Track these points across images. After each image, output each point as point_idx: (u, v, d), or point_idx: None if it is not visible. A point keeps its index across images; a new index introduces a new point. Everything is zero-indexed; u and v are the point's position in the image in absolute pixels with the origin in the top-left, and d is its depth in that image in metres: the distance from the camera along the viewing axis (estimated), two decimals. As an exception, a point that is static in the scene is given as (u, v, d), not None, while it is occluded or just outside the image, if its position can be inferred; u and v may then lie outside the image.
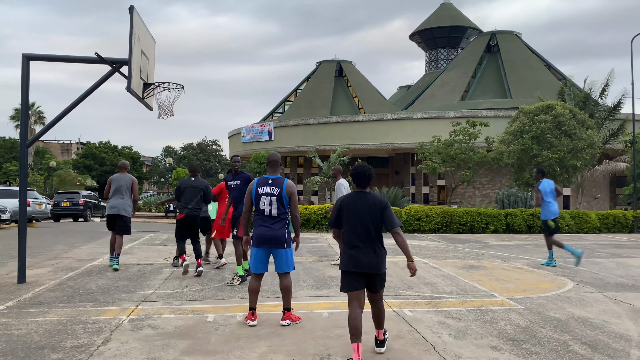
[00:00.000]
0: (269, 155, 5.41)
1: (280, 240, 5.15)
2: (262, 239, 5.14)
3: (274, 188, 5.15)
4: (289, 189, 5.16)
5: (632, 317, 5.62)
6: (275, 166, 5.33)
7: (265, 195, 5.14)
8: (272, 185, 5.16)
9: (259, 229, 5.17)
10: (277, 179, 5.21)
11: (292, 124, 39.75)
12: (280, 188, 5.15)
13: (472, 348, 4.45)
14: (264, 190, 5.16)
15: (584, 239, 15.20)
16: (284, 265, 5.21)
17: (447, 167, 23.25)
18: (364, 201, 4.17)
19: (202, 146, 78.68)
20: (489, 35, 45.18)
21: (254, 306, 5.17)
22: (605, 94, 25.61)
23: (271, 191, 5.14)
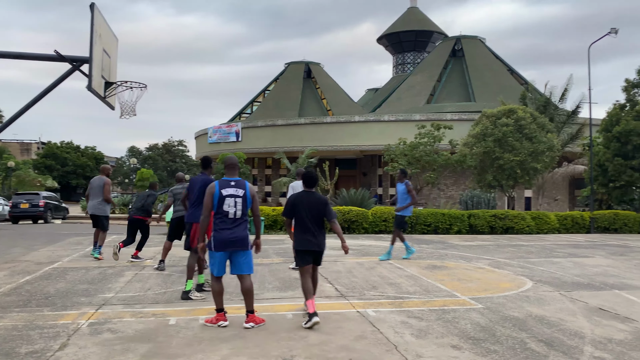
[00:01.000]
0: (228, 157, 5.44)
1: (245, 242, 5.17)
2: (228, 241, 5.11)
3: (237, 189, 5.15)
4: (252, 190, 5.25)
5: (586, 315, 5.83)
6: (234, 168, 5.35)
7: (230, 197, 5.12)
8: (236, 187, 5.17)
9: (223, 232, 5.12)
10: (238, 181, 5.23)
11: (260, 125, 39.57)
12: (244, 189, 5.18)
13: (433, 347, 4.53)
14: (227, 192, 5.13)
15: (543, 239, 15.64)
16: (246, 268, 5.22)
17: (412, 169, 23.55)
18: (311, 198, 5.48)
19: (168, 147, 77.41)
20: (454, 40, 46.03)
21: (223, 307, 5.21)
22: (564, 99, 26.45)
23: (235, 193, 5.14)
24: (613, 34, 19.85)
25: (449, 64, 44.98)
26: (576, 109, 25.96)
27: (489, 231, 17.34)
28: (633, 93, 20.71)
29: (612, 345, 4.70)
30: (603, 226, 19.14)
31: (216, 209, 5.14)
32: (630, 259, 10.90)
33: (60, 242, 12.96)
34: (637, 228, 19.44)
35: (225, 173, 5.32)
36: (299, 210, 5.43)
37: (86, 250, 11.00)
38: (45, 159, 59.34)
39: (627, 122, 19.55)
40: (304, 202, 5.42)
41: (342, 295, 6.62)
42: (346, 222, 16.52)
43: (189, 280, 6.33)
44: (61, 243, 12.59)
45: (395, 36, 55.83)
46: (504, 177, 19.65)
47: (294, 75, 48.99)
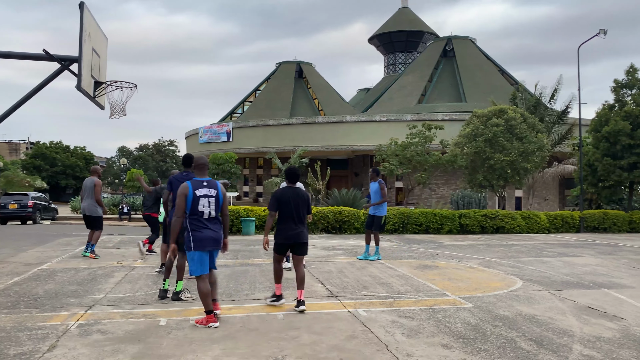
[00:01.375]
0: (199, 158, 5.52)
1: (222, 241, 5.37)
2: (210, 240, 5.20)
3: (210, 190, 5.25)
4: (223, 190, 5.39)
5: (575, 313, 5.87)
6: (204, 169, 5.42)
7: (204, 197, 5.20)
8: (208, 187, 5.26)
9: (204, 231, 5.17)
10: (210, 181, 5.33)
11: (251, 125, 39.51)
12: (217, 189, 5.30)
13: (424, 346, 4.54)
14: (201, 193, 5.21)
15: (534, 238, 15.75)
16: (214, 263, 5.50)
17: (404, 169, 23.63)
18: (294, 193, 5.92)
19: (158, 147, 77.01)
20: (445, 40, 46.23)
21: (212, 308, 5.18)
22: (554, 99, 26.67)
23: (209, 193, 5.24)
24: (602, 35, 20.02)
25: (440, 64, 45.16)
26: (566, 109, 26.18)
27: (480, 231, 17.43)
28: (622, 94, 20.89)
29: (600, 343, 4.74)
30: (592, 225, 19.30)
31: (190, 209, 5.18)
32: (619, 258, 11.00)
33: (49, 242, 12.85)
34: (625, 227, 19.62)
35: (196, 173, 5.40)
36: (283, 204, 5.84)
37: (76, 251, 10.92)
38: (34, 159, 58.79)
39: (615, 123, 19.72)
40: (288, 196, 5.85)
41: (333, 295, 6.62)
42: (338, 222, 16.53)
43: (179, 281, 6.25)
44: (50, 244, 12.49)
45: (386, 36, 55.98)
46: (494, 177, 19.76)
47: (286, 75, 48.97)
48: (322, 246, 12.48)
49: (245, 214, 16.20)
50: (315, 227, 16.50)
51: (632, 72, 20.77)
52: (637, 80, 20.61)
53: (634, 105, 20.13)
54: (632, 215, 19.95)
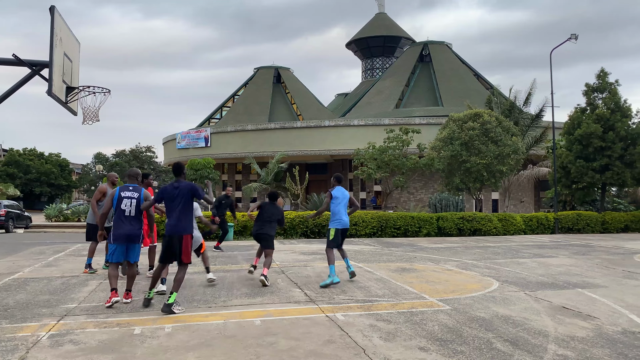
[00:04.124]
0: (130, 170, 6.74)
1: (137, 237, 6.40)
2: (124, 236, 6.29)
3: (134, 193, 6.44)
4: (146, 195, 6.51)
5: (550, 313, 5.95)
6: (133, 178, 6.64)
7: (127, 199, 6.39)
8: (133, 191, 6.46)
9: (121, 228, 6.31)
10: (136, 187, 6.53)
11: (229, 130, 39.27)
12: (139, 193, 6.46)
13: (401, 350, 4.55)
14: (125, 195, 6.41)
15: (510, 240, 15.96)
16: (133, 257, 6.46)
17: (382, 173, 23.74)
18: (272, 208, 8.23)
19: (136, 153, 76.09)
20: (422, 46, 46.70)
21: (116, 287, 6.26)
22: (528, 103, 27.14)
23: (132, 195, 6.42)
24: (573, 40, 20.47)
25: (417, 69, 45.59)
26: (540, 113, 26.65)
27: (457, 233, 17.60)
28: (593, 97, 21.37)
29: (574, 342, 4.81)
30: (567, 227, 19.66)
31: (115, 208, 6.39)
32: (592, 258, 11.21)
33: (21, 252, 12.54)
34: (598, 228, 20.03)
35: (127, 181, 6.60)
36: (262, 212, 8.19)
37: (49, 259, 10.67)
38: (6, 166, 57.45)
39: (587, 125, 20.15)
40: (267, 208, 8.20)
41: (311, 300, 6.59)
42: (317, 227, 16.51)
43: (174, 293, 5.97)
44: (23, 253, 12.19)
45: (363, 41, 56.31)
46: (471, 179, 19.98)
47: (264, 80, 48.85)
48: (300, 251, 12.45)
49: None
50: (294, 232, 16.46)
51: (603, 76, 21.27)
52: (607, 84, 21.11)
53: (605, 109, 20.60)
54: (605, 216, 20.38)
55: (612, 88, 20.99)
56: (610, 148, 19.83)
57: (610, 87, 21.04)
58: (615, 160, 19.85)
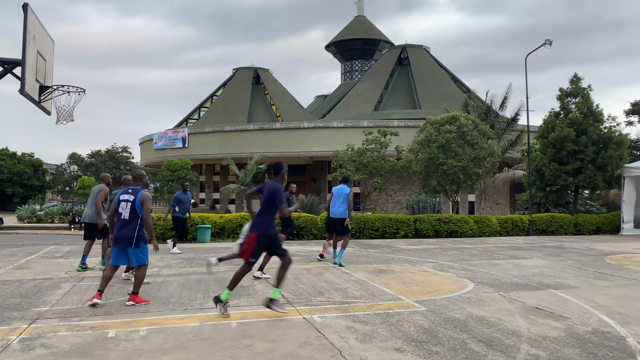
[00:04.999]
0: (134, 171, 6.78)
1: (130, 240, 6.25)
2: (118, 238, 6.28)
3: (131, 196, 6.33)
4: (142, 198, 6.31)
5: (523, 314, 6.06)
6: (137, 180, 6.57)
7: (124, 202, 6.36)
8: (131, 194, 6.35)
9: (117, 231, 6.32)
10: (135, 189, 6.40)
11: (207, 131, 38.99)
12: (135, 197, 6.30)
13: (377, 351, 4.58)
14: (123, 198, 6.38)
15: (485, 242, 16.18)
16: (134, 260, 6.38)
17: (360, 175, 23.85)
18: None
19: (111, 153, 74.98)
20: (400, 49, 47.09)
21: (103, 289, 6.33)
22: (504, 107, 27.56)
23: (128, 198, 6.34)
24: (548, 45, 20.87)
25: (396, 72, 45.95)
26: (515, 117, 27.10)
27: (434, 235, 17.77)
28: (567, 102, 21.81)
29: (546, 342, 4.90)
30: (541, 228, 20.02)
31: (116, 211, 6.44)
32: (565, 260, 11.44)
33: (-8, 254, 12.23)
34: (571, 230, 20.44)
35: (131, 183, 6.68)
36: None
37: (20, 262, 10.44)
38: (-23, 166, 56.04)
39: (561, 129, 20.56)
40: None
41: (288, 302, 6.59)
42: (295, 228, 16.48)
43: (276, 289, 5.98)
44: (-7, 255, 11.90)
45: (343, 44, 56.52)
46: (447, 182, 20.21)
47: (243, 81, 48.64)
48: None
49: (201, 221, 15.94)
50: (272, 234, 16.41)
51: (576, 81, 21.73)
52: (580, 89, 21.57)
53: (578, 113, 21.05)
54: (577, 218, 20.81)
55: (585, 93, 21.45)
56: (583, 152, 20.26)
57: (583, 92, 21.50)
58: (588, 163, 20.29)
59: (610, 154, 20.09)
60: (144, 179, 6.60)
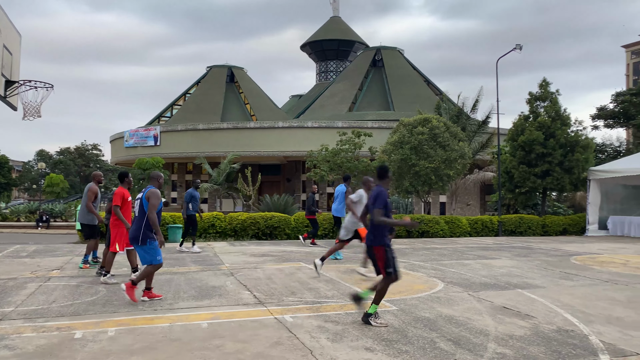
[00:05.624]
0: (152, 172, 6.77)
1: (135, 239, 6.34)
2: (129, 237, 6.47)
3: (141, 194, 6.41)
4: (148, 194, 6.34)
5: (491, 313, 6.18)
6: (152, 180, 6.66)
7: (137, 200, 6.45)
8: (143, 192, 6.42)
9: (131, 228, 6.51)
10: (147, 187, 6.47)
11: (180, 129, 38.52)
12: (143, 193, 6.37)
13: (348, 350, 4.61)
14: (138, 196, 6.48)
15: (456, 242, 16.43)
16: (141, 260, 6.46)
17: (334, 175, 23.93)
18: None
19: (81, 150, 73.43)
20: (375, 51, 47.43)
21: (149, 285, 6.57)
22: (475, 109, 28.01)
23: (140, 196, 6.40)
24: (518, 50, 21.32)
25: (370, 73, 46.26)
26: (486, 119, 27.57)
27: (406, 235, 17.96)
28: (536, 105, 22.31)
29: (513, 341, 5.01)
30: (510, 229, 20.43)
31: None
32: (532, 260, 11.70)
33: (-47, 253, 11.85)
34: (539, 231, 20.92)
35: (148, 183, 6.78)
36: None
37: (-16, 261, 10.14)
38: (-62, 162, 54.05)
39: (530, 132, 21.02)
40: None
41: (260, 302, 6.57)
42: (268, 229, 16.45)
43: (373, 305, 5.53)
44: (-45, 254, 11.53)
45: (318, 44, 56.59)
46: (419, 183, 20.44)
47: (217, 79, 48.22)
48: (251, 252, 12.38)
49: (172, 220, 15.75)
50: (245, 234, 16.34)
51: (545, 85, 22.26)
52: (549, 93, 22.10)
53: (546, 117, 21.55)
54: (545, 220, 21.32)
55: (553, 97, 21.98)
56: (551, 154, 20.75)
57: (552, 96, 22.03)
58: (556, 166, 20.80)
59: (577, 157, 20.63)
60: (160, 180, 6.65)
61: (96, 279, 8.15)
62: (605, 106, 32.16)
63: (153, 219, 6.26)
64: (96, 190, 9.21)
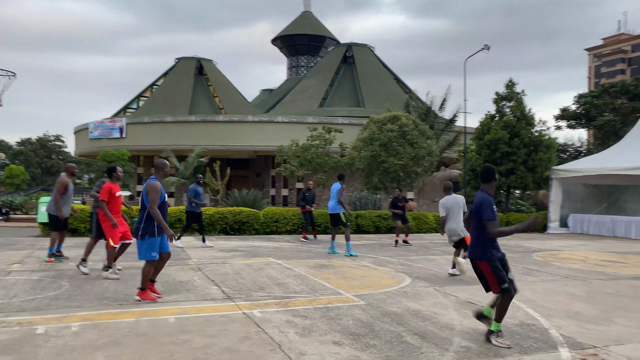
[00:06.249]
0: (157, 161, 6.46)
1: (136, 233, 6.21)
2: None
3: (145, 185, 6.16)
4: (147, 187, 6.07)
5: (456, 308, 6.31)
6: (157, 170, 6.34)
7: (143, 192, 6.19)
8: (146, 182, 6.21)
9: None
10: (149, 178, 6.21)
11: (146, 121, 37.82)
12: (144, 185, 6.13)
13: (316, 344, 4.64)
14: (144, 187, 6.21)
15: (422, 238, 16.69)
16: (139, 254, 6.22)
17: (304, 171, 23.94)
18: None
19: (43, 141, 71.26)
20: (346, 47, 47.57)
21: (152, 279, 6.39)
22: (443, 108, 28.47)
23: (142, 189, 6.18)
24: (486, 50, 21.74)
25: (341, 69, 46.38)
26: (453, 118, 28.05)
27: (375, 231, 18.13)
28: (502, 105, 22.80)
29: (477, 335, 5.13)
30: (475, 226, 20.85)
31: None
32: (496, 256, 11.98)
33: None
34: (503, 228, 21.42)
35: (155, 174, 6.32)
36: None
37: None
38: None
39: (496, 131, 21.48)
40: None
41: (228, 297, 6.54)
42: (237, 224, 16.35)
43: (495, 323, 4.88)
44: None
45: (289, 39, 56.40)
46: (388, 179, 20.65)
47: (185, 71, 47.50)
48: (219, 248, 12.28)
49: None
50: (213, 229, 16.19)
51: (511, 85, 22.76)
52: (514, 93, 22.61)
53: (512, 116, 22.06)
54: (509, 217, 21.83)
55: (519, 97, 22.50)
56: (516, 153, 21.26)
57: (517, 96, 22.55)
58: (520, 165, 21.31)
59: (540, 156, 21.20)
60: (165, 169, 6.29)
61: (59, 273, 7.96)
62: (568, 107, 33.13)
63: (154, 214, 5.98)
64: (66, 182, 8.96)
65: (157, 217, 5.99)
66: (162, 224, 6.01)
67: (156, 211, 5.98)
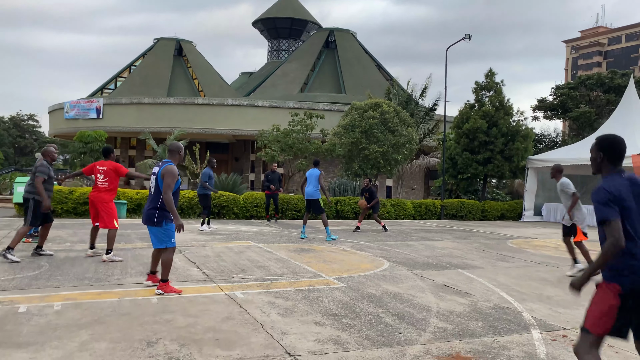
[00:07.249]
0: (171, 143, 6.06)
1: (148, 219, 5.69)
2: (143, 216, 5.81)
3: (156, 169, 5.80)
4: (163, 171, 5.68)
5: (433, 291, 6.49)
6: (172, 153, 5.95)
7: (153, 174, 5.80)
8: (160, 167, 5.77)
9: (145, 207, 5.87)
10: (165, 162, 5.78)
11: (124, 102, 37.19)
12: (160, 169, 5.73)
13: (298, 324, 4.75)
14: (154, 171, 5.82)
15: (401, 224, 16.93)
16: (154, 242, 5.81)
17: (285, 156, 23.92)
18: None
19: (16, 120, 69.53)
20: (328, 32, 47.32)
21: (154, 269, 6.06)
22: (424, 96, 28.67)
23: (155, 171, 5.79)
24: (467, 39, 21.92)
25: (322, 54, 46.17)
26: (433, 106, 28.27)
27: (354, 217, 18.30)
28: (481, 95, 23.09)
29: (453, 316, 5.31)
30: (451, 213, 21.22)
31: None
32: (472, 242, 12.27)
33: None
34: (479, 215, 21.84)
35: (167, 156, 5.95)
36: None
37: None
38: None
39: (475, 121, 21.77)
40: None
41: (210, 279, 6.60)
42: (216, 208, 16.33)
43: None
44: None
45: (270, 21, 55.78)
46: (368, 166, 20.81)
47: (164, 52, 46.71)
48: (199, 231, 12.28)
49: (117, 197, 15.33)
50: (192, 212, 16.15)
51: (490, 75, 23.03)
52: (494, 83, 22.89)
53: (491, 106, 22.36)
54: (485, 205, 22.26)
55: (498, 87, 22.80)
56: (493, 143, 21.61)
57: (497, 86, 22.84)
58: (497, 154, 21.68)
59: (517, 146, 21.58)
60: (180, 152, 5.93)
61: (37, 254, 7.88)
62: (545, 98, 33.65)
63: (168, 200, 5.54)
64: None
65: (169, 205, 5.56)
66: (174, 211, 5.58)
67: (170, 197, 5.56)
